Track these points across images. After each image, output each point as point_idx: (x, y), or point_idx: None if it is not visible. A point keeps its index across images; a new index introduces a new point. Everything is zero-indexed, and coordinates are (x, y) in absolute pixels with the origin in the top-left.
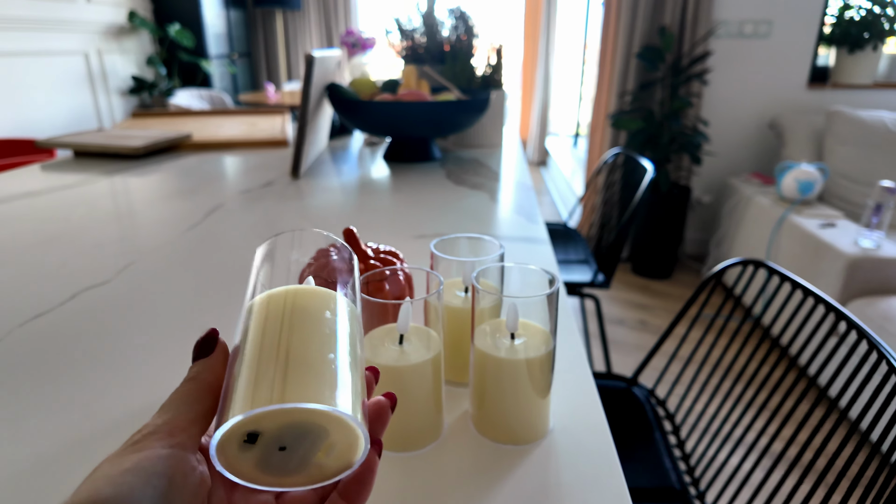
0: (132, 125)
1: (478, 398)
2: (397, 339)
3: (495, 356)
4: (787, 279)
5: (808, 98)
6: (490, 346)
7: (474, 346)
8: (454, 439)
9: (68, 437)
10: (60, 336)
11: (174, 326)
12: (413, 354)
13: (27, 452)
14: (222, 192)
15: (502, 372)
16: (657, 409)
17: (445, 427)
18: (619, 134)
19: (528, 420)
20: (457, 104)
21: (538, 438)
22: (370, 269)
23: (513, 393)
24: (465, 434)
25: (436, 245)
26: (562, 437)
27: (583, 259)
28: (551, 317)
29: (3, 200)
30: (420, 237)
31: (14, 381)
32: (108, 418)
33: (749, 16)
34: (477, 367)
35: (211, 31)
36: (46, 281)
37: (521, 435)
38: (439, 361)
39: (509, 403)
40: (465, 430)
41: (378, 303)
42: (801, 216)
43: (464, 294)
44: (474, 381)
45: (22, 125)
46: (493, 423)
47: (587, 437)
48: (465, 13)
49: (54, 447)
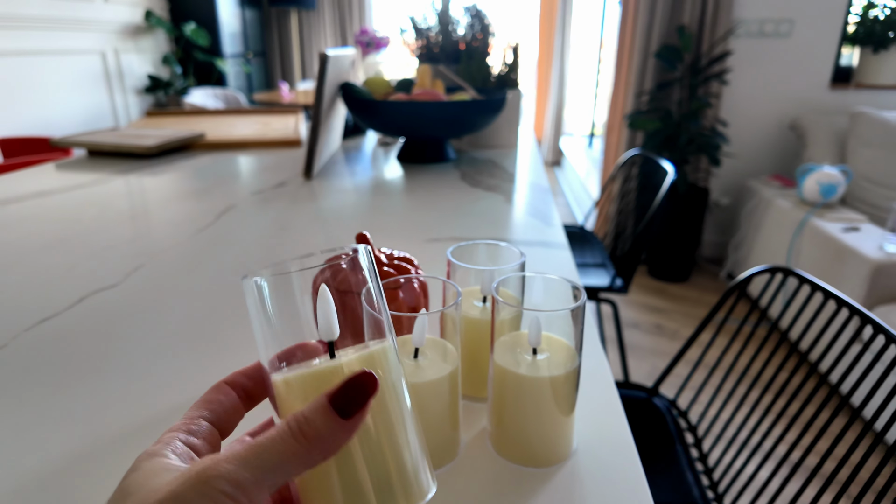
0: (146, 124)
1: (497, 417)
2: (412, 353)
3: (516, 373)
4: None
5: (831, 99)
6: (510, 362)
7: (493, 362)
8: (471, 460)
9: (74, 446)
10: (67, 341)
11: (183, 331)
12: (429, 369)
13: (33, 461)
14: (234, 193)
15: (523, 390)
16: (678, 420)
17: (462, 446)
18: (636, 134)
19: (550, 441)
20: (472, 104)
21: (561, 460)
22: (384, 276)
23: (534, 412)
24: (483, 454)
25: (452, 252)
26: (586, 460)
27: (600, 263)
28: (576, 332)
29: (15, 200)
30: (434, 241)
31: (20, 386)
32: (115, 427)
33: (770, 14)
34: (496, 384)
35: (226, 30)
36: (54, 284)
37: (543, 457)
38: (456, 377)
39: (531, 423)
40: (483, 449)
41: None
42: (824, 220)
43: (482, 304)
44: (493, 398)
45: (40, 123)
46: (512, 444)
47: (613, 459)
48: (481, 11)
49: (60, 456)
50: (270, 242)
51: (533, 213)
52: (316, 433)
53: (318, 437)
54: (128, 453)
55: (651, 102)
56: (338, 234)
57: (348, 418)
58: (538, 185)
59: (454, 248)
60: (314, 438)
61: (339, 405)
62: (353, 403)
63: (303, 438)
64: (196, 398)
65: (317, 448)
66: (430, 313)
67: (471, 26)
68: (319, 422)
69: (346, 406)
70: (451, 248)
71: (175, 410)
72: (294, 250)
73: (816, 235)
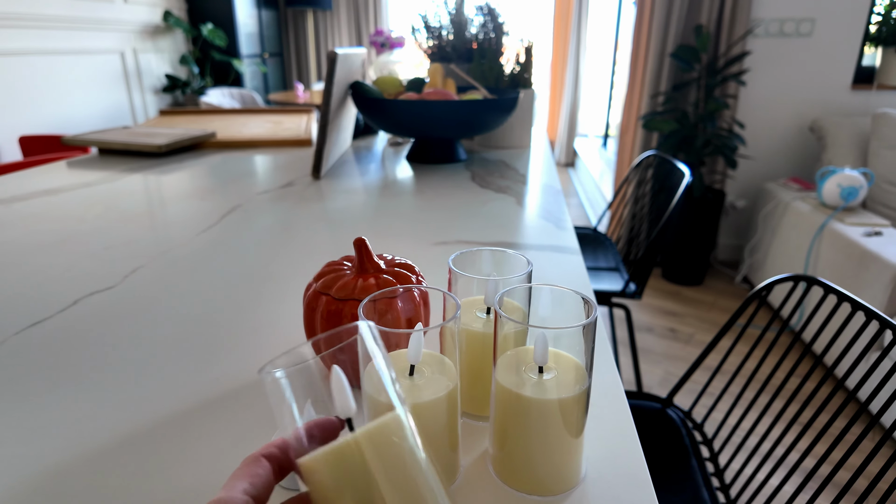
0: (158, 123)
1: (499, 440)
2: (407, 370)
3: (521, 394)
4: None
5: (853, 100)
6: (514, 382)
7: (496, 381)
8: (471, 486)
9: (49, 461)
10: (56, 345)
11: (178, 336)
12: (426, 388)
13: (27, 467)
14: (241, 193)
15: (528, 413)
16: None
17: (462, 469)
18: (651, 136)
19: (556, 467)
20: (484, 103)
21: (568, 488)
22: (382, 284)
23: (540, 437)
24: (484, 480)
25: (455, 259)
26: (595, 489)
27: (613, 266)
28: (587, 349)
29: (22, 198)
30: (441, 244)
31: (7, 393)
32: (94, 442)
33: (790, 14)
34: (498, 405)
35: (243, 30)
36: (50, 285)
37: (549, 485)
38: (455, 395)
39: (536, 448)
40: (485, 474)
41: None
42: (844, 224)
43: (485, 315)
44: (495, 420)
45: (60, 122)
46: (516, 470)
47: (625, 489)
48: (494, 10)
49: (32, 472)
50: (272, 244)
51: (544, 215)
52: None
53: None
54: (119, 460)
55: (667, 103)
56: (343, 237)
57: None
58: (550, 186)
59: (456, 256)
60: None
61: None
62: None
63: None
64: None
65: None
66: (426, 329)
67: (483, 25)
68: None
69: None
70: (453, 256)
71: (166, 418)
72: (296, 252)
73: (837, 240)
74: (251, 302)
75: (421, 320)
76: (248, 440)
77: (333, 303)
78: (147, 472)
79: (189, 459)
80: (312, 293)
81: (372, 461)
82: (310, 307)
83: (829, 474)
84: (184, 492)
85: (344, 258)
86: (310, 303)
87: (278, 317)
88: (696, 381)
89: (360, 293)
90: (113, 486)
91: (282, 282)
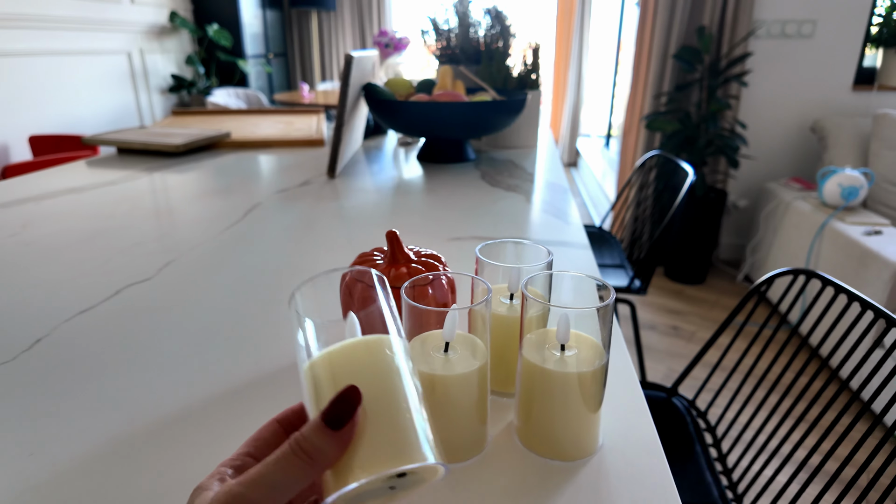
0: (172, 123)
1: (524, 411)
2: (442, 347)
3: (546, 368)
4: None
5: (854, 100)
6: (539, 358)
7: (522, 357)
8: (498, 452)
9: (112, 434)
10: (104, 331)
11: (216, 323)
12: (458, 364)
13: (71, 450)
14: (260, 191)
15: (552, 385)
16: (697, 420)
17: (490, 439)
18: (654, 136)
19: (577, 436)
20: (494, 104)
21: (587, 455)
22: (413, 273)
23: (562, 407)
24: (509, 447)
25: (481, 249)
26: (612, 456)
27: (618, 264)
28: (605, 329)
29: (50, 196)
30: (456, 239)
31: (62, 375)
32: (152, 417)
33: (792, 15)
34: (524, 379)
35: (248, 31)
36: (90, 277)
37: (570, 451)
38: (485, 371)
39: (558, 418)
40: (510, 442)
41: (421, 309)
42: (845, 223)
43: (509, 301)
44: (521, 393)
45: (67, 121)
46: (540, 438)
47: (639, 458)
48: (502, 13)
49: (98, 445)
50: (296, 239)
51: (554, 212)
52: (313, 448)
53: (315, 451)
54: (162, 442)
55: (669, 104)
56: (361, 232)
57: (340, 429)
58: (558, 185)
59: (482, 246)
60: (312, 453)
61: (330, 419)
62: (344, 415)
63: (303, 454)
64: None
65: (317, 462)
66: (460, 308)
67: (491, 27)
68: (316, 438)
69: (338, 419)
70: (480, 246)
71: (210, 399)
72: (320, 247)
73: (837, 239)
74: (282, 294)
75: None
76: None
77: (368, 290)
78: (201, 444)
79: (237, 433)
80: (349, 280)
81: (366, 363)
82: (346, 294)
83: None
84: None
85: (374, 249)
86: (346, 290)
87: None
88: (695, 377)
89: (393, 281)
90: (171, 455)
91: (309, 274)
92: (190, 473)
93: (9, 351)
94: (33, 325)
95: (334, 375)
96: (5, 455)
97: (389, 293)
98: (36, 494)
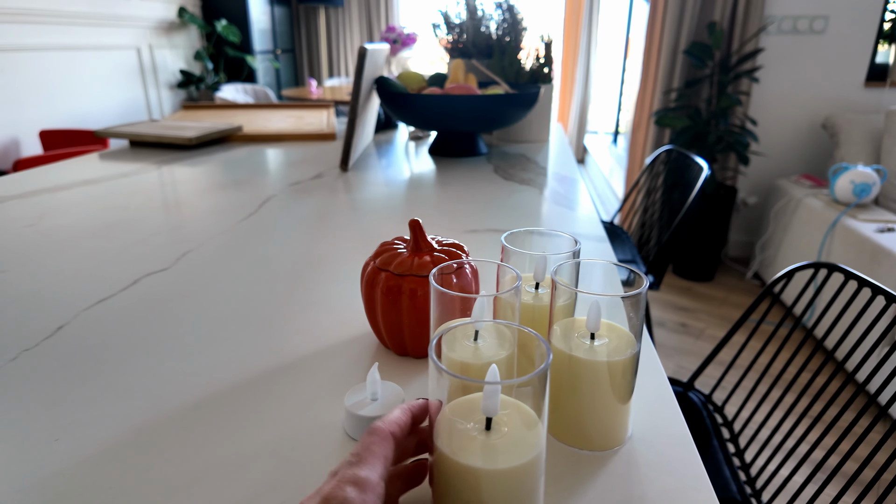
0: (183, 117)
1: (553, 400)
2: (471, 336)
3: (576, 357)
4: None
5: (866, 97)
6: (568, 347)
7: (551, 345)
8: None
9: (136, 421)
10: (125, 319)
11: (236, 311)
12: (487, 351)
13: (97, 436)
14: (273, 184)
15: (582, 374)
16: (714, 415)
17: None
18: (663, 132)
19: (606, 426)
20: (507, 98)
21: (616, 445)
22: (437, 261)
23: (592, 397)
24: None
25: (507, 237)
26: (641, 446)
27: (630, 259)
28: (636, 318)
29: (65, 187)
30: (472, 231)
31: (83, 363)
32: (175, 403)
33: (804, 11)
34: (553, 367)
35: (256, 27)
36: (108, 266)
37: (599, 441)
38: (513, 360)
39: (587, 408)
40: None
41: (449, 295)
42: (857, 220)
43: (534, 290)
44: (550, 382)
45: (77, 116)
46: (568, 427)
47: (670, 449)
48: (513, 7)
49: (122, 431)
50: (311, 231)
51: (568, 205)
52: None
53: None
54: (188, 427)
55: (679, 100)
56: (376, 224)
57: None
58: (571, 178)
59: (508, 235)
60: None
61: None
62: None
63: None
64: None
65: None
66: (494, 295)
67: (503, 21)
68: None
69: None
70: (505, 235)
71: (230, 387)
72: (335, 238)
73: (849, 236)
74: (299, 283)
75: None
76: (317, 404)
77: (392, 278)
78: (228, 430)
79: (264, 419)
80: (372, 270)
81: (491, 495)
82: (369, 283)
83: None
84: (262, 445)
85: (396, 238)
86: (369, 279)
87: (328, 296)
88: (708, 375)
89: (417, 269)
90: (197, 441)
91: (326, 265)
92: (213, 459)
93: (31, 338)
94: (54, 313)
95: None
96: (32, 439)
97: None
98: (62, 479)
